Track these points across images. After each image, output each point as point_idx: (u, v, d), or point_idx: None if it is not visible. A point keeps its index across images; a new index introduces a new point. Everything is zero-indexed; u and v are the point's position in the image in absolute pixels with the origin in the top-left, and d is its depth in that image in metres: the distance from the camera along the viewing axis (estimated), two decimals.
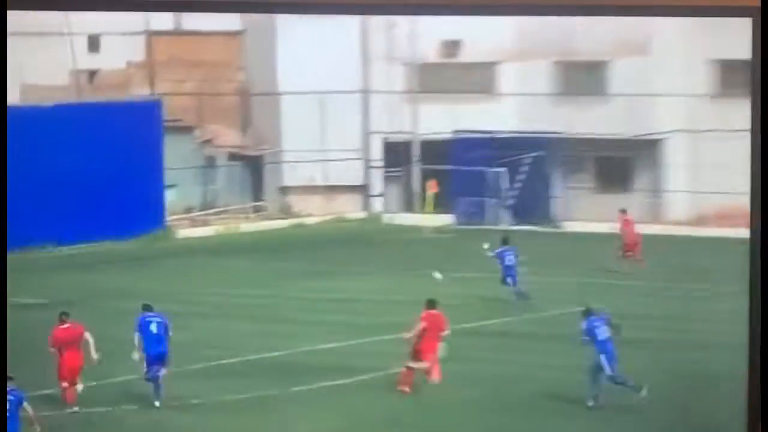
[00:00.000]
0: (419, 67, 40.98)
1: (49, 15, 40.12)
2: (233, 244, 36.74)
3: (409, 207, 41.65)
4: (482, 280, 29.30)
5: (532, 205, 38.61)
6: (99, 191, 35.11)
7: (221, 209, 40.78)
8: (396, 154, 41.80)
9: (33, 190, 33.66)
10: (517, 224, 38.32)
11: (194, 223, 39.65)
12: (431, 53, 40.87)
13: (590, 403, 19.90)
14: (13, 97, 34.49)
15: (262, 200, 41.48)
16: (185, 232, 38.39)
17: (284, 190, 41.61)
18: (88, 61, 42.20)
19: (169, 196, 38.47)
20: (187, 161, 40.07)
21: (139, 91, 40.25)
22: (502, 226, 38.42)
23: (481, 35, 38.62)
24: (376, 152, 41.89)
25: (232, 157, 41.97)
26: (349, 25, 39.60)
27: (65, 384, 20.63)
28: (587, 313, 20.34)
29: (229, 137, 42.18)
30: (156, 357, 21.05)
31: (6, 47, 6.67)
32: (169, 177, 38.05)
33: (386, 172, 41.95)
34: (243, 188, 41.71)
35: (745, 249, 13.90)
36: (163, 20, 41.33)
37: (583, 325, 20.14)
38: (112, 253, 33.87)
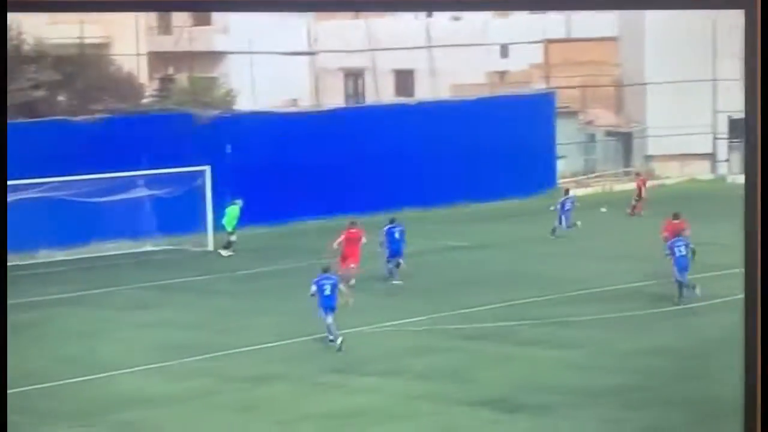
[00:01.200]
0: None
1: (470, 29, 46.16)
2: (608, 199, 39.30)
3: None
4: None
5: None
6: (508, 161, 39.19)
7: (599, 173, 44.54)
8: (738, 128, 43.16)
9: (451, 162, 38.30)
10: None
11: (579, 184, 42.46)
12: None
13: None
14: (444, 92, 43.70)
15: (631, 166, 44.90)
16: (572, 192, 38.44)
17: (648, 158, 45.27)
18: (500, 65, 48.72)
19: (560, 165, 42.44)
20: (573, 138, 44.22)
21: (538, 86, 45.15)
22: None
23: None
24: (722, 127, 45.06)
25: (608, 133, 45.97)
26: (702, 24, 42.31)
27: (343, 261, 24.93)
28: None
29: (606, 118, 46.20)
30: (396, 253, 25.63)
31: (6, 47, 6.83)
32: (559, 150, 42.37)
33: (730, 142, 44.80)
34: (616, 157, 45.59)
35: None
36: (557, 30, 46.86)
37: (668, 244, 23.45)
38: (516, 207, 37.75)
